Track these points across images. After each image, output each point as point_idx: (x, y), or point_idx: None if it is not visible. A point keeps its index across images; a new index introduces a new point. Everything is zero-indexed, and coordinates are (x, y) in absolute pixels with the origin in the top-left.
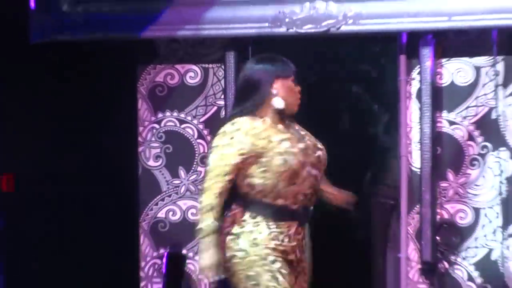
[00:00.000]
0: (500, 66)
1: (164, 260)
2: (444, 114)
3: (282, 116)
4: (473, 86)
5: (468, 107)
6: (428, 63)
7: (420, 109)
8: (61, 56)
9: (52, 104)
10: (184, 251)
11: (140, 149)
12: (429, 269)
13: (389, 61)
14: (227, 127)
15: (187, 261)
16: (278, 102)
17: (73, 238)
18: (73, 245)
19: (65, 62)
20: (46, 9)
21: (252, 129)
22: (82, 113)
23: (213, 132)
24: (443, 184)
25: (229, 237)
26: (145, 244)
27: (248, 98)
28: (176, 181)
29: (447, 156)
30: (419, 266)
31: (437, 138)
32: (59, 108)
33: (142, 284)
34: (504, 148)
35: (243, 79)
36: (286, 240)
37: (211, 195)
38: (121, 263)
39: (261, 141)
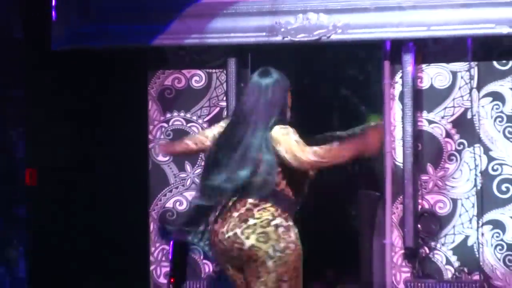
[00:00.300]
0: (474, 71)
1: (170, 247)
2: (424, 114)
3: None
4: (450, 89)
5: (446, 107)
6: (409, 68)
7: (403, 109)
8: (80, 62)
9: (71, 106)
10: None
11: (150, 145)
12: (411, 254)
13: (374, 66)
14: (287, 127)
15: (193, 247)
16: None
17: (90, 226)
18: (90, 233)
19: (83, 67)
20: (66, 20)
21: None
22: (99, 114)
23: None
24: (424, 177)
25: (281, 229)
26: (154, 231)
27: (275, 109)
28: (183, 175)
29: (427, 152)
30: (402, 251)
31: (418, 135)
32: (77, 109)
33: (152, 267)
34: (478, 145)
35: (271, 92)
36: None
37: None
38: (133, 249)
39: None
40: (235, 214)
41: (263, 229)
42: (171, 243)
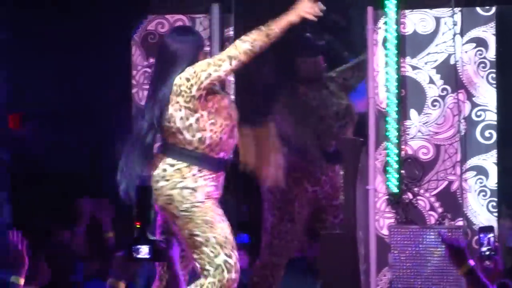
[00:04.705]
0: (458, 17)
1: (134, 192)
2: (408, 59)
3: None
4: (433, 34)
5: (429, 53)
6: (393, 13)
7: (386, 55)
8: (64, 6)
9: (55, 50)
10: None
11: (133, 90)
12: (394, 200)
13: (358, 11)
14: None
15: None
16: None
17: (77, 169)
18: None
19: (67, 11)
20: None
21: None
22: (83, 59)
23: None
24: (407, 123)
25: (186, 191)
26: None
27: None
28: None
29: (410, 98)
30: (386, 197)
31: (402, 81)
32: (61, 54)
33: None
34: (461, 90)
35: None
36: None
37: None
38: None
39: None
40: (155, 172)
41: (169, 191)
42: (135, 188)
